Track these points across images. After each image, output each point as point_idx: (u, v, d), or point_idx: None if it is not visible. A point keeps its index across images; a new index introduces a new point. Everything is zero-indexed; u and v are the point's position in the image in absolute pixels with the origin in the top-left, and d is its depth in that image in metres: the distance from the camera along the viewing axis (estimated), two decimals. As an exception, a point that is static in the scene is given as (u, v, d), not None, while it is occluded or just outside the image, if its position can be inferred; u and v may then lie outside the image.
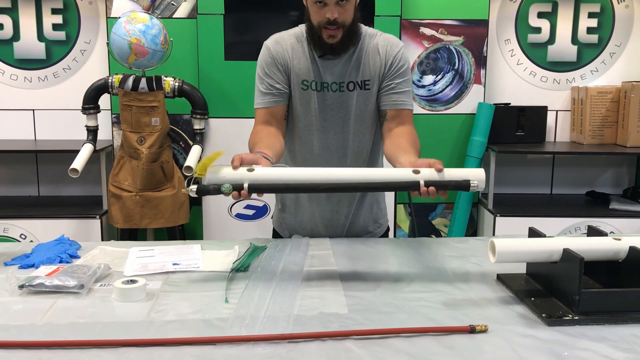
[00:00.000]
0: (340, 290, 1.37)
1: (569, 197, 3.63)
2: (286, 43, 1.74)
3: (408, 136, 1.69)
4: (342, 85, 1.72)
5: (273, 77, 1.73)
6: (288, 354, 1.06)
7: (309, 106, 1.74)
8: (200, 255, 1.59)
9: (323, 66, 1.71)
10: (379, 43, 1.73)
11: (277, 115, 1.75)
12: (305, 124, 1.76)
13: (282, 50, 1.73)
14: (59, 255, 1.57)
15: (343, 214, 1.86)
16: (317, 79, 1.72)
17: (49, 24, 3.43)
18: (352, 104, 1.73)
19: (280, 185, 1.40)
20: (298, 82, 1.73)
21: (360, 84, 1.73)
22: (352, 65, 1.71)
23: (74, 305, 1.27)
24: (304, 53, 1.72)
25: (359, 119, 1.75)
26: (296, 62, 1.72)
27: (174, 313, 1.24)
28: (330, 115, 1.74)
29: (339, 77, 1.72)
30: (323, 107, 1.74)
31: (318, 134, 1.76)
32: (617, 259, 1.30)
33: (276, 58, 1.73)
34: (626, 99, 3.37)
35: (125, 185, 3.01)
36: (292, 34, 1.76)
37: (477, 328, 1.14)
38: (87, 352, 1.06)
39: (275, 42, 1.75)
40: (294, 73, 1.73)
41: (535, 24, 3.56)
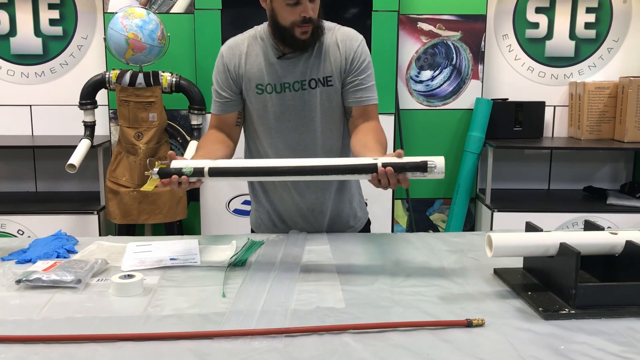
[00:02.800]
0: (338, 284, 1.37)
1: (567, 193, 3.63)
2: (240, 49, 1.72)
3: (374, 133, 1.68)
4: (304, 83, 1.69)
5: (223, 85, 1.73)
6: (285, 348, 1.06)
7: (265, 109, 1.72)
8: (198, 250, 1.59)
9: (282, 67, 1.69)
10: (338, 37, 1.71)
11: (227, 121, 1.76)
12: (265, 127, 1.74)
13: (235, 56, 1.71)
14: (56, 250, 1.56)
15: (320, 210, 1.82)
16: (274, 81, 1.69)
17: (46, 19, 3.41)
18: (316, 102, 1.70)
19: (240, 168, 1.44)
20: (252, 87, 1.71)
21: (322, 80, 1.70)
22: (312, 62, 1.68)
23: (71, 300, 1.27)
24: (260, 56, 1.70)
25: (325, 116, 1.73)
26: (249, 67, 1.70)
27: (171, 308, 1.24)
28: (293, 115, 1.71)
29: (300, 75, 1.69)
30: (283, 108, 1.71)
31: (281, 136, 1.73)
32: (614, 253, 1.30)
33: (228, 65, 1.72)
34: (624, 94, 3.37)
35: (122, 181, 3.01)
36: (248, 37, 1.74)
37: (474, 322, 1.14)
38: (83, 347, 1.06)
39: (229, 48, 1.74)
40: (247, 79, 1.71)
41: (533, 19, 3.55)
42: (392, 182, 1.39)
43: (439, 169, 1.38)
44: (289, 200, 1.82)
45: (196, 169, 1.42)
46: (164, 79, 2.97)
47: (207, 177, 1.43)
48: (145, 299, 1.28)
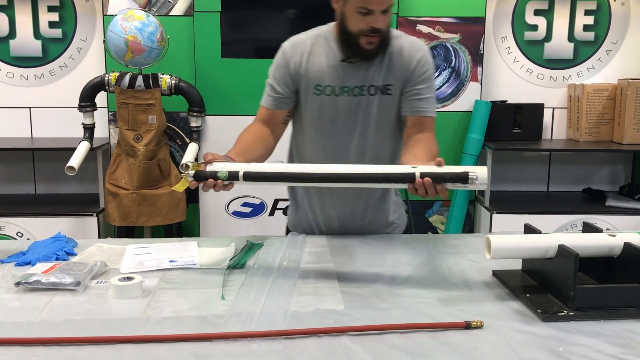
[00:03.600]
0: (337, 286, 1.37)
1: (566, 195, 3.64)
2: (303, 47, 1.69)
3: (425, 144, 1.64)
4: (364, 89, 1.67)
5: (280, 81, 1.70)
6: (284, 350, 1.06)
7: (321, 111, 1.70)
8: (197, 252, 1.59)
9: (345, 70, 1.66)
10: (403, 46, 1.67)
11: (275, 118, 1.74)
12: (317, 129, 1.72)
13: (297, 54, 1.69)
14: (55, 252, 1.57)
15: (359, 216, 1.81)
16: (334, 84, 1.67)
17: (45, 22, 3.42)
18: (372, 109, 1.68)
19: (275, 174, 1.42)
20: (310, 87, 1.69)
21: (381, 88, 1.67)
22: (375, 68, 1.66)
23: (71, 302, 1.28)
24: (322, 57, 1.68)
25: (379, 123, 1.70)
26: (310, 67, 1.68)
27: (170, 310, 1.24)
28: (347, 119, 1.69)
29: (361, 81, 1.66)
30: (339, 112, 1.69)
31: (333, 139, 1.71)
32: (612, 255, 1.31)
33: (289, 62, 1.69)
34: (622, 96, 3.37)
35: (122, 183, 3.01)
36: (312, 36, 1.71)
37: (473, 324, 1.15)
38: (83, 349, 1.06)
39: (292, 45, 1.71)
40: (307, 78, 1.68)
41: (532, 22, 3.56)
42: (430, 193, 1.34)
43: (481, 180, 1.32)
44: (329, 204, 1.80)
45: (231, 173, 1.40)
46: (163, 81, 2.97)
47: (242, 181, 1.41)
48: (145, 301, 1.28)
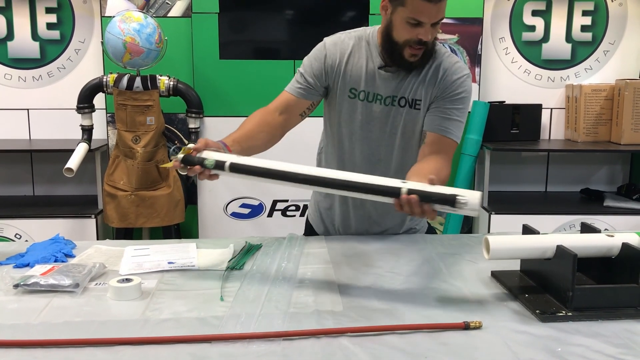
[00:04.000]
0: (336, 287, 1.37)
1: (564, 195, 3.64)
2: (344, 47, 1.66)
3: (436, 164, 1.54)
4: (395, 99, 1.64)
5: (314, 73, 1.67)
6: (283, 351, 1.06)
7: (353, 115, 1.68)
8: (196, 254, 1.59)
9: (380, 78, 1.64)
10: (443, 64, 1.63)
11: (296, 107, 1.69)
12: (348, 131, 1.71)
13: (338, 53, 1.65)
14: (54, 254, 1.56)
15: (375, 221, 1.81)
16: (368, 90, 1.65)
17: (43, 23, 3.42)
18: (400, 120, 1.66)
19: (261, 169, 1.36)
20: (345, 90, 1.67)
21: (410, 102, 1.64)
22: (409, 81, 1.63)
23: (69, 304, 1.28)
24: (362, 60, 1.65)
25: (406, 135, 1.68)
26: (349, 69, 1.65)
27: (169, 311, 1.24)
28: (377, 127, 1.68)
29: (394, 91, 1.64)
30: (369, 118, 1.67)
31: (361, 144, 1.70)
32: (610, 255, 1.31)
33: (327, 58, 1.66)
34: (620, 96, 3.38)
35: (120, 185, 3.01)
36: (355, 37, 1.68)
37: (472, 325, 1.15)
38: (82, 351, 1.06)
39: (334, 44, 1.67)
40: (343, 80, 1.66)
41: (530, 22, 3.57)
42: (415, 212, 1.26)
43: (471, 206, 1.21)
44: (349, 207, 1.80)
45: (218, 162, 1.37)
46: (161, 82, 2.97)
47: (227, 172, 1.37)
48: (143, 303, 1.28)
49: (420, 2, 1.47)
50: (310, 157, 1.97)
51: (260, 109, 1.71)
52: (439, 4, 1.48)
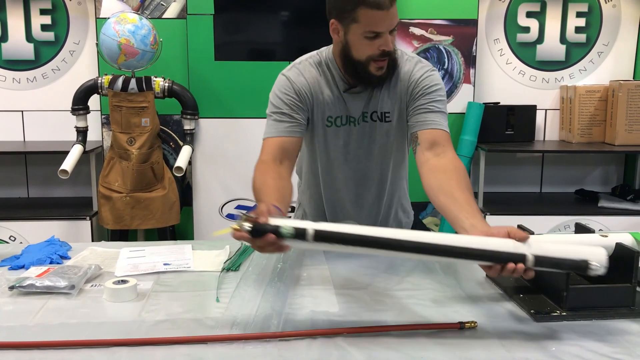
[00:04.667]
0: (332, 288, 1.38)
1: (559, 196, 3.65)
2: (310, 76, 1.60)
3: (453, 174, 1.44)
4: (366, 115, 1.61)
5: (294, 108, 1.57)
6: (279, 352, 1.06)
7: (335, 142, 1.64)
8: (191, 256, 1.60)
9: (349, 100, 1.60)
10: (405, 71, 1.59)
11: (291, 148, 1.56)
12: (329, 158, 1.67)
13: (307, 83, 1.59)
14: (49, 256, 1.56)
15: (372, 218, 1.79)
16: (341, 114, 1.61)
17: (38, 25, 3.41)
18: (375, 134, 1.64)
19: (353, 236, 1.12)
20: (322, 119, 1.62)
21: (380, 115, 1.62)
22: (375, 95, 1.59)
23: (65, 306, 1.27)
24: (328, 87, 1.60)
25: (383, 148, 1.66)
26: (320, 99, 1.60)
27: (165, 312, 1.24)
28: (355, 147, 1.65)
29: (364, 108, 1.61)
30: (348, 140, 1.64)
31: (343, 166, 1.68)
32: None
33: (300, 91, 1.58)
34: (614, 97, 3.40)
35: (115, 186, 3.00)
36: (314, 65, 1.61)
37: (467, 325, 1.15)
38: (78, 352, 1.06)
39: (298, 74, 1.60)
40: (318, 109, 1.61)
41: (524, 24, 3.58)
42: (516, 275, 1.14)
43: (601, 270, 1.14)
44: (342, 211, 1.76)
45: (298, 230, 1.10)
46: (156, 84, 2.97)
47: (310, 242, 1.10)
48: (139, 304, 1.28)
49: (374, 12, 1.42)
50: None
51: (258, 165, 1.51)
52: (391, 9, 1.43)
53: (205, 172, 3.24)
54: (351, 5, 1.44)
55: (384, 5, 1.41)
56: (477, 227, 1.24)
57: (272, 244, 1.11)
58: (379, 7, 1.41)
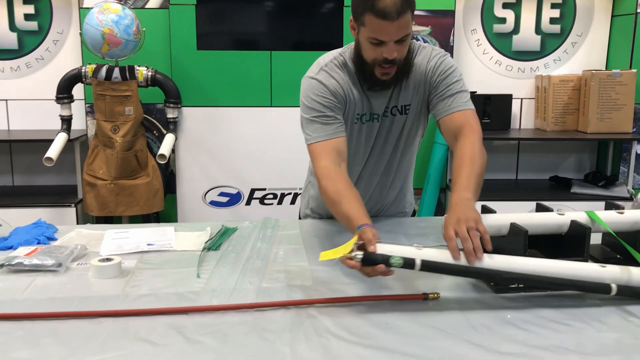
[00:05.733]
0: (306, 265, 1.46)
1: (534, 182, 3.76)
2: (339, 77, 1.62)
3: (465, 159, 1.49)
4: (387, 110, 1.66)
5: (334, 109, 1.59)
6: (255, 321, 1.14)
7: (358, 137, 1.68)
8: (174, 236, 1.66)
9: (372, 97, 1.64)
10: (419, 62, 1.62)
11: (344, 149, 1.58)
12: (353, 153, 1.70)
13: (339, 84, 1.61)
14: (36, 237, 1.62)
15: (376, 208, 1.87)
16: (366, 111, 1.65)
17: (21, 14, 3.43)
18: (393, 126, 1.69)
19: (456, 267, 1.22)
20: (352, 117, 1.65)
21: (400, 109, 1.66)
22: (397, 91, 1.64)
23: (53, 282, 1.34)
24: (355, 86, 1.63)
25: (401, 139, 1.72)
26: (351, 97, 1.63)
27: (148, 287, 1.31)
28: (377, 140, 1.70)
29: (387, 103, 1.65)
30: (371, 135, 1.69)
31: (365, 160, 1.73)
32: (561, 232, 1.41)
33: (335, 92, 1.60)
34: (586, 87, 3.50)
35: (99, 174, 3.06)
36: (338, 66, 1.63)
37: (430, 296, 1.24)
38: (66, 323, 1.13)
39: (328, 77, 1.61)
40: (350, 108, 1.64)
41: (500, 15, 3.67)
42: None
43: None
44: None
45: (407, 261, 1.19)
46: (139, 73, 3.02)
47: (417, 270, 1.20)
48: (123, 281, 1.35)
49: (378, 21, 1.43)
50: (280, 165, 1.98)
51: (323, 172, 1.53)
52: (397, 21, 1.43)
53: (189, 159, 3.30)
54: (361, 8, 1.46)
55: (389, 15, 1.41)
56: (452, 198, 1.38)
57: (381, 272, 1.20)
58: (384, 17, 1.42)
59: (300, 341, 1.06)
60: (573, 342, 1.07)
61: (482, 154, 1.52)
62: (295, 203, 3.35)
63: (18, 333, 1.09)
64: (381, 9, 1.41)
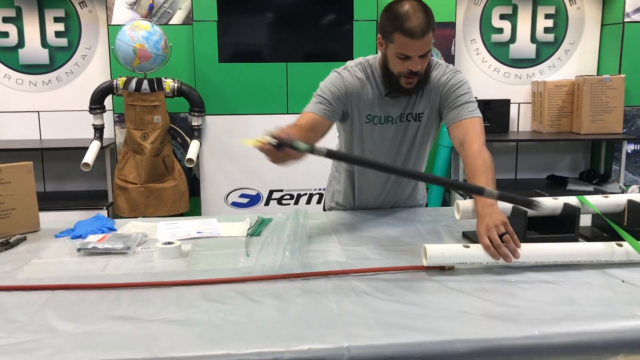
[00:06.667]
0: (338, 246, 1.70)
1: (532, 181, 4.02)
2: (359, 80, 1.86)
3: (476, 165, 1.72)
4: (403, 116, 1.90)
5: (337, 99, 1.84)
6: (303, 286, 1.38)
7: (371, 136, 1.92)
8: (218, 226, 1.91)
9: (389, 103, 1.87)
10: (435, 77, 1.86)
11: (321, 127, 1.83)
12: (363, 150, 1.95)
13: (354, 85, 1.85)
14: (99, 228, 1.87)
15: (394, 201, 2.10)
16: (381, 114, 1.88)
17: (52, 32, 3.70)
18: (408, 133, 1.92)
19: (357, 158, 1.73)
20: (362, 116, 1.89)
21: (415, 116, 1.90)
22: (412, 99, 1.87)
23: (125, 262, 1.58)
24: (372, 89, 1.86)
25: (414, 143, 1.95)
26: (364, 98, 1.86)
27: (207, 264, 1.55)
28: (390, 143, 1.94)
29: (402, 110, 1.89)
30: (384, 137, 1.92)
31: (374, 157, 1.94)
32: (555, 214, 1.66)
33: (348, 87, 1.84)
34: (579, 91, 3.76)
35: (130, 178, 3.30)
36: (363, 70, 1.87)
37: (446, 267, 1.48)
38: (146, 290, 1.37)
39: (350, 76, 1.86)
40: (360, 108, 1.87)
41: (498, 25, 3.94)
42: None
43: None
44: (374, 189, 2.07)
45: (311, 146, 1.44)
46: (166, 84, 3.27)
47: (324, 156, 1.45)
48: (185, 260, 1.59)
49: (406, 39, 1.68)
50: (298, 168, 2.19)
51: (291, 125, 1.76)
52: (422, 39, 1.68)
53: (212, 163, 3.55)
54: (391, 28, 1.71)
55: (416, 35, 1.67)
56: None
57: (290, 155, 1.44)
58: (411, 36, 1.67)
59: (344, 300, 1.31)
60: (566, 297, 1.31)
61: (490, 158, 1.75)
62: (310, 203, 3.59)
63: (109, 298, 1.33)
64: (409, 29, 1.66)
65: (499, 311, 1.25)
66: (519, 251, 1.46)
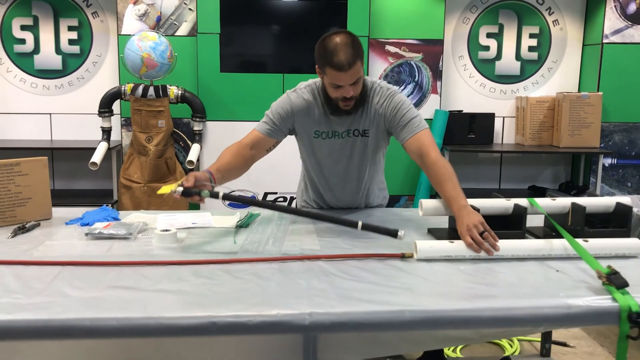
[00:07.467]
0: (315, 237, 1.92)
1: (514, 191, 4.23)
2: (305, 101, 2.09)
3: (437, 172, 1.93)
4: (350, 132, 2.11)
5: (281, 118, 2.09)
6: (280, 268, 1.60)
7: (320, 149, 2.16)
8: (211, 218, 2.13)
9: (334, 120, 2.10)
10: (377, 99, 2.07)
11: (264, 144, 2.12)
12: (318, 161, 2.20)
13: (301, 105, 2.09)
14: (105, 217, 2.09)
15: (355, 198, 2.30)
16: (328, 129, 2.11)
17: (66, 39, 3.95)
18: (356, 146, 2.14)
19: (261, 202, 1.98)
20: (310, 132, 2.12)
21: (361, 132, 2.11)
22: (356, 117, 2.09)
23: (127, 245, 1.81)
24: (318, 109, 2.09)
25: (360, 155, 2.16)
26: (311, 117, 2.09)
27: (199, 249, 1.78)
28: (338, 154, 2.16)
29: (348, 126, 2.10)
30: (332, 149, 2.15)
31: (330, 168, 2.20)
32: (507, 213, 1.88)
33: (294, 109, 2.09)
34: (559, 107, 3.98)
35: (134, 178, 3.54)
36: (310, 92, 2.10)
37: (406, 255, 1.70)
38: (146, 268, 1.59)
39: (297, 97, 2.09)
40: (307, 125, 2.11)
41: (485, 43, 4.17)
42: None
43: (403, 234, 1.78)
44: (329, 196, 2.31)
45: (212, 193, 1.83)
46: (171, 91, 3.51)
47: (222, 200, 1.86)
48: (180, 245, 1.82)
49: (335, 72, 1.90)
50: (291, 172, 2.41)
51: (235, 142, 2.11)
52: (350, 70, 1.89)
53: (211, 167, 3.77)
54: (322, 62, 1.95)
55: (343, 68, 1.88)
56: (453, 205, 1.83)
57: (197, 201, 1.82)
58: (339, 69, 1.89)
59: (312, 278, 1.53)
60: (503, 281, 1.53)
61: (449, 164, 1.96)
62: (302, 206, 3.82)
63: (112, 273, 1.56)
64: (337, 64, 1.88)
65: (444, 290, 1.47)
66: (497, 245, 1.67)
